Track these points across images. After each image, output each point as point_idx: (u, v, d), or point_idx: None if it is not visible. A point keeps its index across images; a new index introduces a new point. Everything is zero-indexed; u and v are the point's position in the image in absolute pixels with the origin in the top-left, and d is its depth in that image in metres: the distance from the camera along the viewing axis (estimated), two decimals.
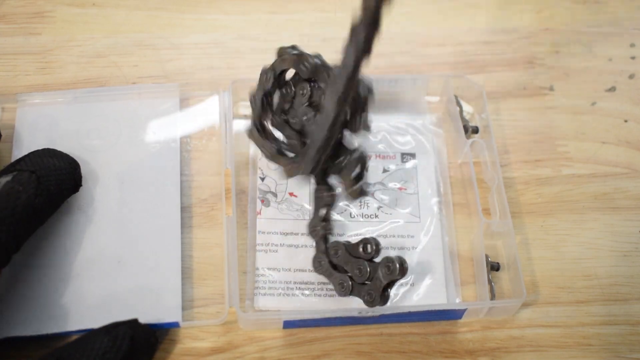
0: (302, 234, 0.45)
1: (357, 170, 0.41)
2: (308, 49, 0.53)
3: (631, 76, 0.54)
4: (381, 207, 0.46)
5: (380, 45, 0.54)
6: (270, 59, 0.53)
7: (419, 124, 0.50)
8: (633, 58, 0.54)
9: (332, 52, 0.53)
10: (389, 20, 0.55)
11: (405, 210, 0.47)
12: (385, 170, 0.48)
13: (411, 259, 0.45)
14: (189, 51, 0.52)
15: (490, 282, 0.44)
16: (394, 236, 0.46)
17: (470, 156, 0.47)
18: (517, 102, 0.52)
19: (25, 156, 0.42)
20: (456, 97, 0.50)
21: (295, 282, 0.44)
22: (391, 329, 0.44)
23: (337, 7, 0.55)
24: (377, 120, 0.49)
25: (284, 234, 0.45)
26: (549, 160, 0.50)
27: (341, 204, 0.46)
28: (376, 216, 0.46)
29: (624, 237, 0.47)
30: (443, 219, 0.47)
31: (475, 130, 0.49)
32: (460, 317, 0.44)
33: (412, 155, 0.48)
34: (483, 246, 0.45)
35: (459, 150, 0.49)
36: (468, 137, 0.48)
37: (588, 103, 0.52)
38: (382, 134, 0.49)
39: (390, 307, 0.43)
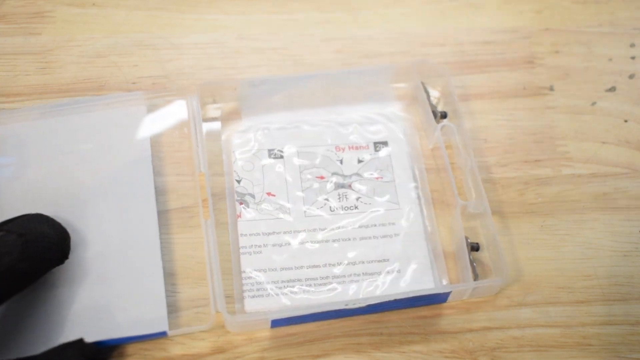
0: (285, 232, 0.45)
1: None
2: (308, 49, 0.54)
3: (631, 76, 0.54)
4: (360, 197, 0.47)
5: (380, 45, 0.54)
6: (270, 58, 0.53)
7: (389, 112, 0.50)
8: (633, 58, 0.54)
9: (332, 52, 0.53)
10: (389, 20, 0.55)
11: (384, 198, 0.47)
12: (360, 161, 0.48)
13: (395, 246, 0.45)
14: (189, 51, 0.52)
15: (472, 263, 0.44)
16: (375, 225, 0.46)
17: (441, 140, 0.48)
18: (517, 102, 0.52)
19: (16, 218, 0.41)
20: (423, 83, 0.50)
21: (282, 281, 0.44)
22: (381, 319, 0.44)
23: (337, 7, 0.55)
24: (348, 112, 0.50)
25: (266, 234, 0.45)
26: (549, 160, 0.50)
27: (320, 197, 0.46)
28: (356, 207, 0.47)
29: (624, 237, 0.47)
30: (421, 204, 0.47)
31: (444, 115, 0.49)
32: (445, 300, 0.44)
33: (385, 144, 0.49)
34: (462, 228, 0.45)
35: (430, 135, 0.49)
36: (437, 122, 0.49)
37: (588, 103, 0.52)
38: (354, 125, 0.49)
39: (377, 296, 0.43)
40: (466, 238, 0.45)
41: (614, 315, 0.45)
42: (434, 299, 0.44)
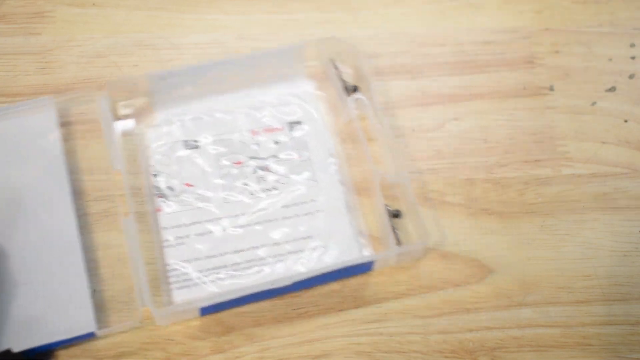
0: (207, 221, 0.46)
1: None
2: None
3: (631, 76, 0.54)
4: (278, 178, 0.47)
5: (380, 45, 0.54)
6: None
7: (301, 92, 0.51)
8: (633, 58, 0.54)
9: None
10: (389, 20, 0.55)
11: (303, 176, 0.48)
12: (276, 143, 0.49)
13: (317, 222, 0.46)
14: (189, 51, 0.52)
15: (393, 229, 0.45)
16: (296, 204, 0.47)
17: (354, 113, 0.48)
18: (517, 102, 0.52)
19: None
20: (332, 60, 0.51)
21: (208, 269, 0.45)
22: (312, 293, 0.45)
23: (337, 7, 0.55)
24: (260, 95, 0.50)
25: (188, 225, 0.46)
26: (549, 160, 0.50)
27: (238, 183, 0.47)
28: (275, 188, 0.47)
29: (624, 237, 0.47)
30: (341, 178, 0.48)
31: (355, 89, 0.50)
32: (370, 269, 0.45)
33: (300, 123, 0.49)
34: (381, 197, 0.46)
35: (343, 110, 0.50)
36: (349, 96, 0.49)
37: (588, 103, 0.52)
38: (267, 108, 0.50)
39: (302, 273, 0.44)
40: (386, 206, 0.46)
41: (614, 315, 0.45)
42: (360, 269, 0.45)
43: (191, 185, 0.47)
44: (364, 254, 0.46)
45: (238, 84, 0.50)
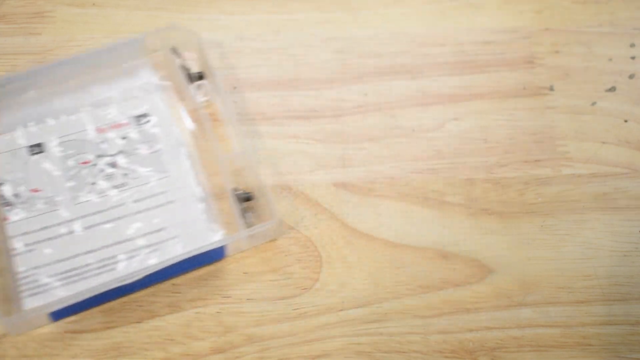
0: (57, 225, 0.46)
1: None
2: (308, 49, 0.54)
3: (631, 76, 0.54)
4: (127, 174, 0.47)
5: (380, 45, 0.54)
6: (270, 58, 0.53)
7: (146, 84, 0.51)
8: (633, 58, 0.54)
9: (332, 52, 0.53)
10: (389, 20, 0.55)
11: (153, 168, 0.48)
12: (124, 138, 0.48)
13: (171, 214, 0.46)
14: None
15: (243, 212, 0.45)
16: (148, 197, 0.47)
17: (199, 100, 0.49)
18: (517, 102, 0.52)
19: None
20: (174, 48, 0.51)
21: (59, 274, 0.44)
22: (166, 287, 0.45)
23: (337, 7, 0.55)
24: (105, 92, 0.50)
25: (37, 230, 0.45)
26: (549, 160, 0.50)
27: (87, 182, 0.47)
28: (125, 184, 0.47)
29: (624, 237, 0.47)
30: (192, 166, 0.48)
31: (200, 76, 0.50)
32: (223, 255, 0.45)
33: (147, 115, 0.49)
34: (230, 181, 0.46)
35: (189, 97, 0.50)
36: (193, 83, 0.50)
37: (588, 103, 0.52)
38: (112, 104, 0.50)
39: (152, 265, 0.44)
40: (235, 190, 0.46)
41: (614, 315, 0.45)
42: (214, 255, 0.45)
43: (38, 190, 0.46)
44: (214, 239, 0.46)
45: (81, 82, 0.50)
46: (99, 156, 0.48)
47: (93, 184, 0.47)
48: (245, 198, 0.46)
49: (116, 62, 0.50)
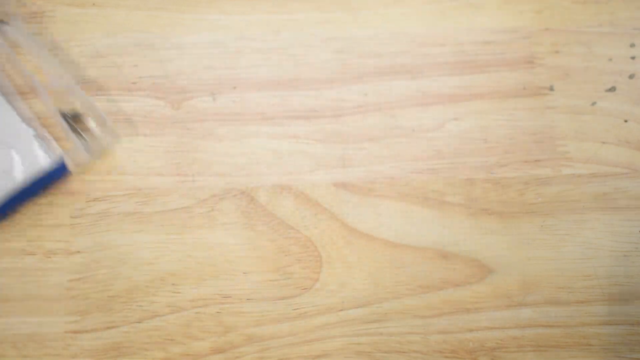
0: None
1: None
2: (308, 49, 0.54)
3: (631, 76, 0.54)
4: None
5: (380, 45, 0.54)
6: (270, 58, 0.53)
7: None
8: (633, 58, 0.54)
9: (332, 52, 0.53)
10: (389, 20, 0.55)
11: None
12: None
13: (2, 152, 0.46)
14: (189, 51, 0.52)
15: (73, 128, 0.47)
16: None
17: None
18: (517, 102, 0.52)
19: None
20: None
21: None
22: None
23: (337, 7, 0.55)
24: None
25: None
26: (549, 160, 0.50)
27: None
28: None
29: (624, 237, 0.47)
30: (9, 101, 0.48)
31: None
32: (63, 173, 0.46)
33: None
34: (51, 105, 0.48)
35: None
36: None
37: (588, 103, 0.52)
38: None
39: None
40: (59, 110, 0.47)
41: (614, 315, 0.45)
42: (54, 175, 0.46)
43: None
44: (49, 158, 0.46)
45: None
46: None
47: None
48: (73, 116, 0.47)
49: None
